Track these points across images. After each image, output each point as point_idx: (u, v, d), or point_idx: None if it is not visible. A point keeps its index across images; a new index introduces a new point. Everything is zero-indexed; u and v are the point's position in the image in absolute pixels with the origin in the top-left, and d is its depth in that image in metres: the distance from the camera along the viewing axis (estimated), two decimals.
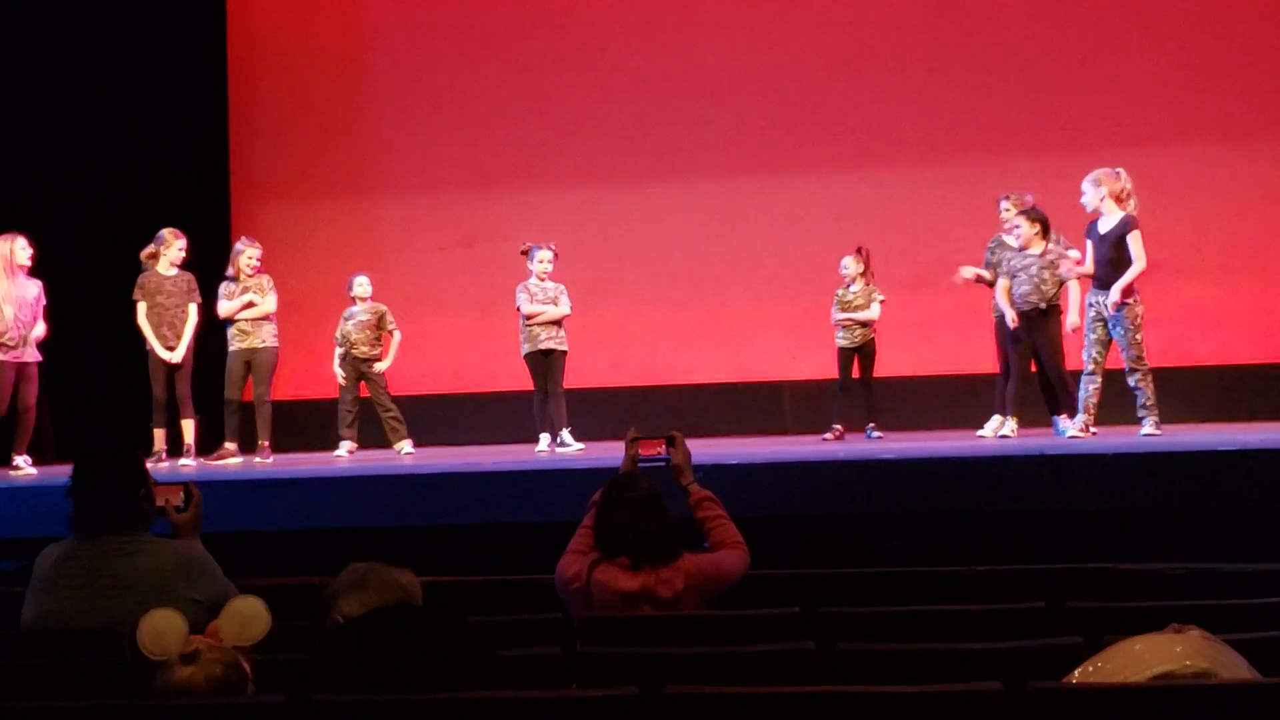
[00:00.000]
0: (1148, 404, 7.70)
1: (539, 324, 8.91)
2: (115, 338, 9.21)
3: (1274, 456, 6.24)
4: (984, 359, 9.01)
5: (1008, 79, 10.61)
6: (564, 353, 8.99)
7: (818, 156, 10.91)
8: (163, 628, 2.81)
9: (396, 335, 9.37)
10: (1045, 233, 8.18)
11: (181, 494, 4.32)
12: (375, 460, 8.79)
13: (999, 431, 8.36)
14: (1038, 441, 7.76)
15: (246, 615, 2.88)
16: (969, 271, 8.79)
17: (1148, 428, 7.66)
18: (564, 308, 8.97)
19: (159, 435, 8.82)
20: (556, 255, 9.04)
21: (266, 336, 8.98)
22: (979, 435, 8.49)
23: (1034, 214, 8.23)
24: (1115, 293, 7.68)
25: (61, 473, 5.73)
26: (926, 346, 10.38)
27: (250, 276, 8.96)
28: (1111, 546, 6.06)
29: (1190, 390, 9.72)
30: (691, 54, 11.12)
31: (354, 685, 2.63)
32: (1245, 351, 10.14)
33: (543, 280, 8.99)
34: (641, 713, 2.85)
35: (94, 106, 10.51)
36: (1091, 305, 7.86)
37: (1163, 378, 8.14)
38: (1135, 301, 7.74)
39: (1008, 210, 8.51)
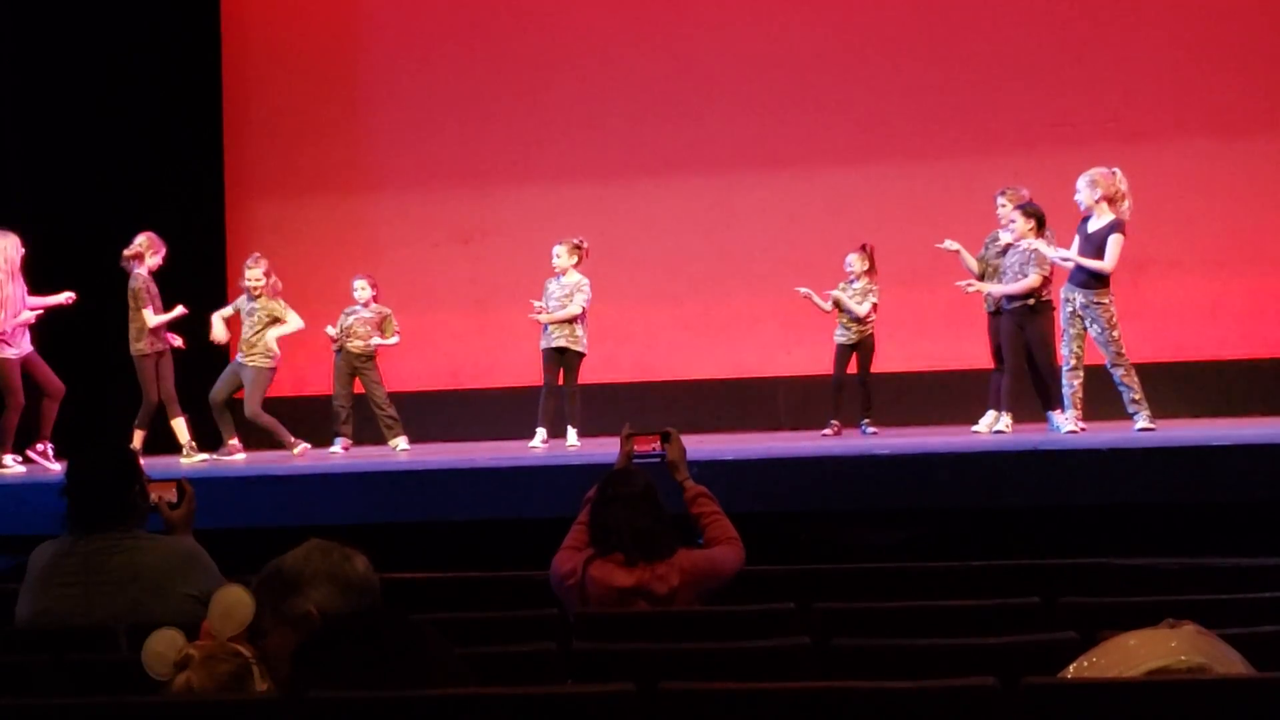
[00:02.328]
0: (1136, 398, 7.70)
1: (552, 321, 8.89)
2: (108, 336, 9.19)
3: (1268, 451, 6.24)
4: (979, 355, 9.01)
5: (1002, 74, 10.61)
6: (578, 353, 8.94)
7: (812, 151, 10.91)
8: (161, 649, 2.82)
9: (394, 339, 9.34)
10: (1040, 228, 8.17)
11: (175, 490, 4.31)
12: (370, 456, 8.79)
13: (994, 427, 8.36)
14: (1032, 437, 7.77)
15: (228, 604, 2.88)
16: (952, 244, 8.79)
17: (1141, 422, 7.66)
18: (573, 307, 8.87)
19: (138, 436, 8.79)
20: (578, 248, 8.97)
21: (268, 355, 8.99)
22: (974, 431, 8.49)
23: (1029, 209, 8.21)
24: (1047, 253, 7.87)
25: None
26: (921, 342, 10.38)
27: (257, 296, 8.97)
28: (1106, 541, 6.06)
29: (1184, 385, 9.73)
30: (686, 49, 11.11)
31: (333, 685, 2.64)
32: (1239, 346, 10.14)
33: (558, 276, 8.96)
34: (637, 709, 2.85)
35: (88, 103, 10.48)
36: (1067, 301, 7.87)
37: (1156, 372, 8.15)
38: (1111, 302, 7.75)
39: (1004, 205, 8.50)
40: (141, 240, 8.77)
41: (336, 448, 9.16)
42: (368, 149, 11.57)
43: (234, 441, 8.99)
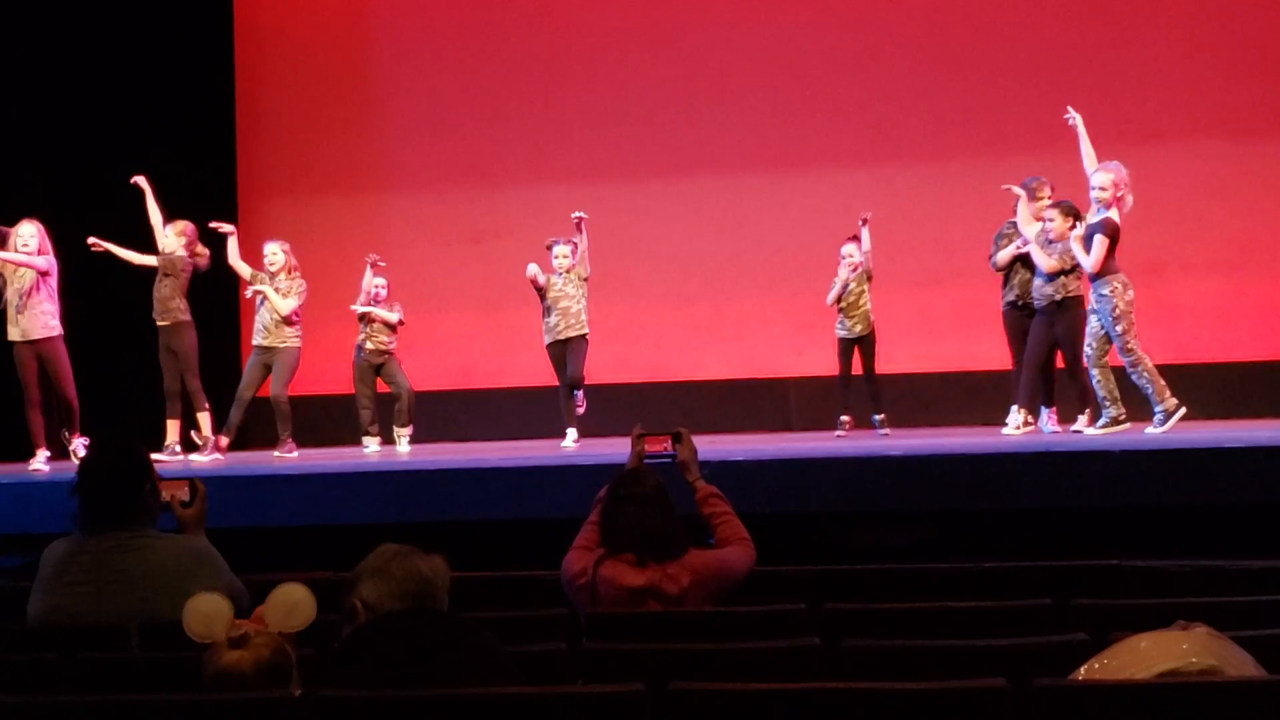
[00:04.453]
0: (1152, 396, 7.62)
1: (557, 317, 8.92)
2: (122, 331, 9.22)
3: None
4: (990, 355, 8.99)
5: (1015, 75, 10.59)
6: (584, 336, 8.98)
7: (824, 152, 10.90)
8: (209, 610, 2.84)
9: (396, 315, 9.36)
10: (1076, 224, 8.10)
11: (187, 489, 4.32)
12: (382, 456, 8.81)
13: (1012, 425, 8.26)
14: (1044, 438, 7.75)
15: (292, 602, 2.90)
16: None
17: (1152, 425, 7.62)
18: (581, 269, 8.95)
19: (172, 426, 8.79)
20: (576, 247, 9.02)
21: (287, 337, 8.99)
22: (1004, 433, 8.33)
23: (1066, 207, 8.12)
24: (1082, 260, 7.72)
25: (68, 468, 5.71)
26: (933, 342, 10.37)
27: (274, 274, 8.98)
28: (1118, 543, 6.05)
29: (1197, 387, 9.66)
30: (698, 50, 11.11)
31: (366, 684, 2.65)
32: (1253, 348, 10.11)
33: (558, 273, 8.98)
34: (647, 709, 2.85)
35: (101, 102, 10.52)
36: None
37: (1171, 374, 8.09)
38: (1112, 293, 7.67)
39: (1048, 197, 8.41)
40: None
41: (374, 446, 9.15)
42: (380, 149, 11.58)
43: (222, 439, 8.96)
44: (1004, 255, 8.48)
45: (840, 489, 6.59)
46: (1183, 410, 7.65)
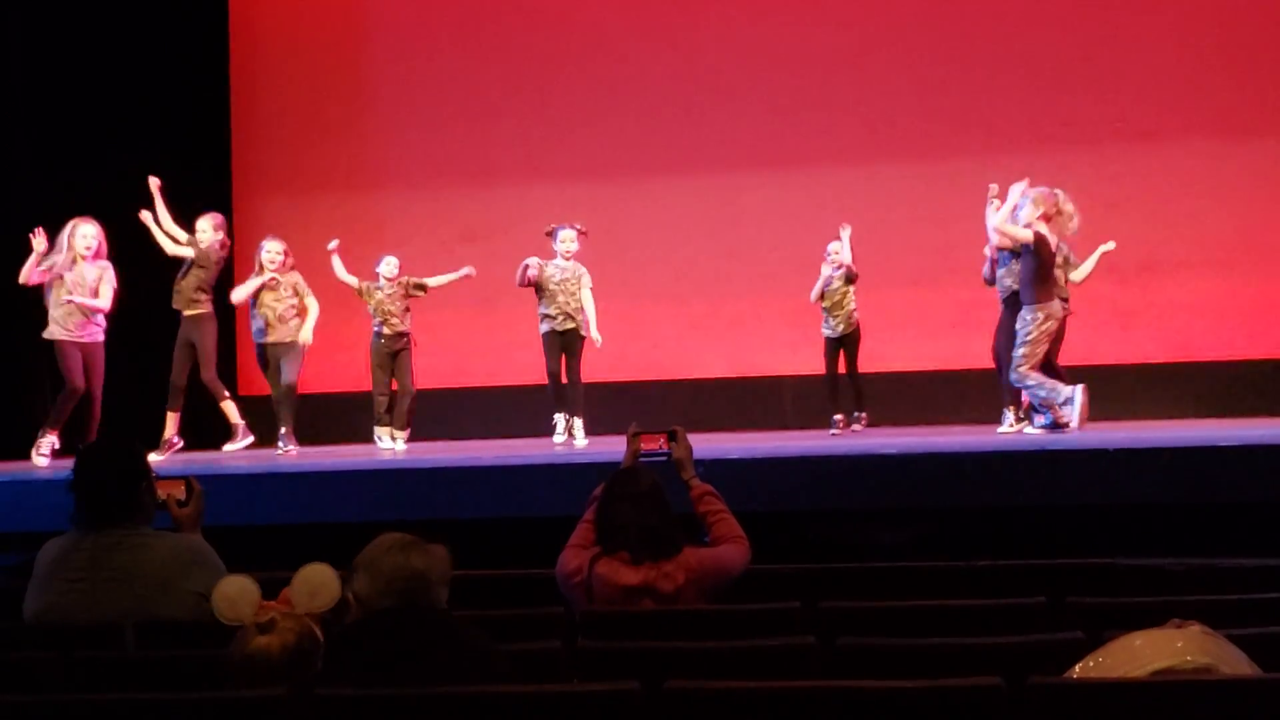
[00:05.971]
0: (1052, 396, 7.64)
1: (556, 309, 8.91)
2: (115, 329, 9.17)
3: (1276, 452, 6.23)
4: (986, 353, 8.99)
5: (1010, 73, 10.58)
6: (583, 337, 8.95)
7: (819, 150, 10.89)
8: (234, 594, 2.86)
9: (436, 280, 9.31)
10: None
11: (183, 488, 4.32)
12: (378, 455, 8.80)
13: (1005, 424, 8.27)
14: (1038, 436, 7.75)
15: (316, 583, 2.92)
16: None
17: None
18: (586, 292, 8.91)
19: (171, 419, 8.76)
20: (583, 234, 9.00)
21: (293, 330, 8.95)
22: (999, 432, 8.34)
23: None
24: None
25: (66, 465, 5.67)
26: (928, 341, 10.36)
27: (276, 272, 8.96)
28: (1113, 542, 6.06)
29: (1192, 385, 9.71)
30: (693, 48, 11.10)
31: (355, 682, 2.65)
32: (1248, 347, 10.11)
33: (567, 259, 8.95)
34: (642, 707, 2.86)
35: (95, 100, 10.49)
36: None
37: (1164, 372, 8.12)
38: (1033, 320, 7.66)
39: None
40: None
41: (386, 442, 9.09)
42: (375, 147, 11.57)
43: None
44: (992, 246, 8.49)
45: (835, 487, 6.59)
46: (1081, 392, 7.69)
